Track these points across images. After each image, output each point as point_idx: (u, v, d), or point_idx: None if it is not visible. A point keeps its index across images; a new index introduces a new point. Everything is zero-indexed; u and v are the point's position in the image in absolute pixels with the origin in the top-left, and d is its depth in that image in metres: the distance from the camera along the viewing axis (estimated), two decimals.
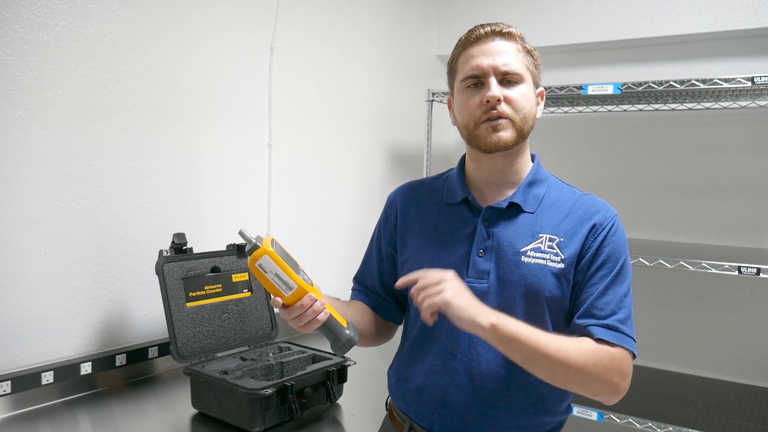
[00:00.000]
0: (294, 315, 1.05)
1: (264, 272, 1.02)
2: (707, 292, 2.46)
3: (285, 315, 1.06)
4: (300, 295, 1.04)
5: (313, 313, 1.05)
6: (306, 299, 1.04)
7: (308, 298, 1.04)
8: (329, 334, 1.08)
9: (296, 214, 2.24)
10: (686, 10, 2.41)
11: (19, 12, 1.43)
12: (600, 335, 1.06)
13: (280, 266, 1.02)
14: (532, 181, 1.18)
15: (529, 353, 1.02)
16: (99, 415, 1.47)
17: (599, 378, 1.04)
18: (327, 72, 2.34)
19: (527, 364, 1.04)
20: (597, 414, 2.02)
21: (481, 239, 1.15)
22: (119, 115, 1.65)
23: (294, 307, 1.04)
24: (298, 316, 1.05)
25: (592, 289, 1.10)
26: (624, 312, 1.09)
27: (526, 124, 1.14)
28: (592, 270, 1.11)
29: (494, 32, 1.14)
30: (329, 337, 1.09)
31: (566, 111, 2.66)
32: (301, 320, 1.05)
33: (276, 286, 1.03)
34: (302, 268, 1.07)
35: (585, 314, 1.09)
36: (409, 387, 1.19)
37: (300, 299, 1.04)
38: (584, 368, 1.02)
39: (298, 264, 1.07)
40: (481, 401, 1.11)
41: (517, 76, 1.12)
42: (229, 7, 1.93)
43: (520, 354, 1.03)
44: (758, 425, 1.93)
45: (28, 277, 1.48)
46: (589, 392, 1.07)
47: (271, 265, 1.02)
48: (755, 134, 2.38)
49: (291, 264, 1.04)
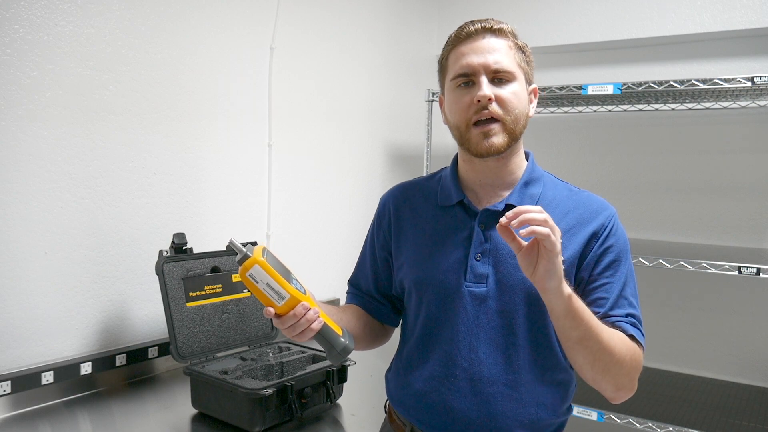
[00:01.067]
0: (287, 324, 1.02)
1: (255, 282, 1.00)
2: (707, 292, 2.46)
3: (278, 324, 1.04)
4: (292, 305, 1.02)
5: (307, 322, 1.02)
6: (299, 308, 1.01)
7: (301, 307, 1.01)
8: (324, 342, 1.07)
9: (296, 214, 2.24)
10: (686, 10, 2.41)
11: (19, 12, 1.43)
12: (631, 332, 1.07)
13: (272, 276, 1.00)
14: (527, 181, 1.16)
15: (586, 333, 1.00)
16: (99, 415, 1.47)
17: (629, 373, 1.05)
18: (327, 72, 2.34)
19: (579, 345, 1.01)
20: (597, 414, 2.02)
21: (478, 243, 1.13)
22: (119, 115, 1.65)
23: (287, 316, 1.02)
24: (292, 326, 1.02)
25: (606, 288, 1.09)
26: (637, 312, 1.11)
27: (517, 125, 1.11)
28: (599, 269, 1.10)
29: (485, 29, 1.11)
30: (324, 346, 1.07)
31: (566, 111, 2.66)
32: (294, 330, 1.03)
33: (267, 295, 1.01)
34: (295, 277, 1.05)
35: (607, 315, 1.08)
36: (409, 393, 1.18)
37: (292, 308, 1.02)
38: (623, 360, 1.03)
39: (290, 272, 1.05)
40: (483, 406, 1.10)
41: (508, 74, 1.10)
42: (229, 7, 1.93)
43: (578, 332, 1.00)
44: (758, 425, 1.93)
45: (28, 277, 1.48)
46: (614, 386, 1.06)
47: (262, 274, 1.00)
48: (755, 134, 2.38)
49: (283, 273, 1.02)
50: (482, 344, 1.10)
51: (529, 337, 1.10)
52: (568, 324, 1.00)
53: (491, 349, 1.10)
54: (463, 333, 1.11)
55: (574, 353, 1.04)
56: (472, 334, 1.11)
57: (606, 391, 1.08)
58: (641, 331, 1.09)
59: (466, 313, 1.11)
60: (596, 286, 1.10)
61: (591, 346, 1.01)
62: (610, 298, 1.08)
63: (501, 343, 1.10)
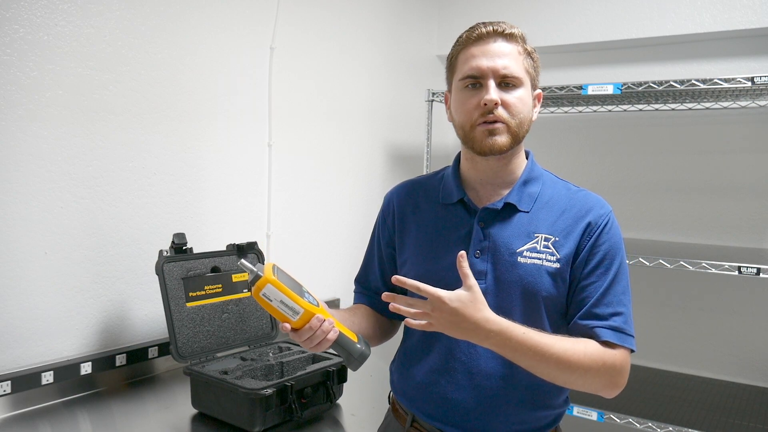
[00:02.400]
0: (304, 338, 1.06)
1: (269, 301, 1.03)
2: (707, 292, 2.46)
3: (295, 338, 1.07)
4: (307, 318, 1.04)
5: (323, 333, 1.06)
6: (314, 321, 1.05)
7: (316, 320, 1.05)
8: (341, 351, 1.10)
9: (296, 214, 2.24)
10: (686, 10, 2.41)
11: (19, 12, 1.43)
12: (606, 337, 1.08)
13: (284, 293, 1.03)
14: (526, 180, 1.18)
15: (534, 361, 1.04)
16: (99, 415, 1.47)
17: (603, 377, 1.07)
18: (327, 72, 2.34)
19: (533, 371, 1.06)
20: (597, 414, 2.02)
21: (477, 240, 1.15)
22: (119, 115, 1.65)
23: (303, 330, 1.05)
24: (309, 338, 1.06)
25: (592, 288, 1.10)
26: (625, 310, 1.11)
27: (521, 129, 1.14)
28: (589, 268, 1.11)
29: (496, 32, 1.13)
30: (342, 354, 1.10)
31: (566, 111, 2.66)
32: (311, 342, 1.06)
33: (282, 312, 1.03)
34: (306, 290, 1.08)
35: (588, 315, 1.10)
36: (411, 385, 1.21)
37: (308, 322, 1.05)
38: (587, 371, 1.05)
39: (302, 286, 1.08)
40: (481, 399, 1.13)
41: (516, 79, 1.12)
42: (229, 7, 1.93)
43: (526, 362, 1.05)
44: (758, 425, 1.93)
45: (28, 277, 1.48)
46: (590, 389, 1.10)
47: (275, 293, 1.02)
48: (755, 134, 2.38)
49: (295, 288, 1.05)
50: None
51: None
52: (511, 357, 1.04)
53: None
54: None
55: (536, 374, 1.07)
56: None
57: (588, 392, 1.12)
58: (625, 331, 1.10)
59: None
60: (584, 285, 1.11)
61: (541, 370, 1.05)
62: (593, 297, 1.10)
63: None
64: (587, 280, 1.11)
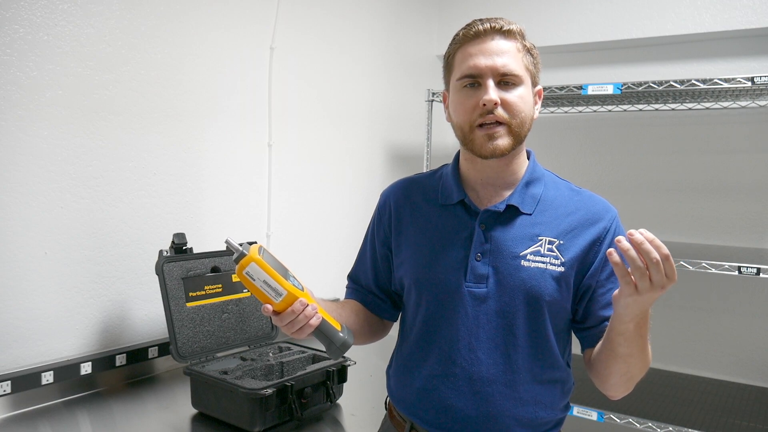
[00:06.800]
0: (286, 321, 1.03)
1: (252, 280, 1.01)
2: (707, 292, 2.45)
3: (277, 321, 1.04)
4: (290, 301, 1.02)
5: (305, 318, 1.02)
6: (297, 305, 1.01)
7: (299, 303, 1.01)
8: (323, 338, 1.07)
9: (296, 213, 2.24)
10: (686, 10, 2.41)
11: (19, 12, 1.43)
12: None
13: (268, 273, 1.01)
14: (529, 181, 1.15)
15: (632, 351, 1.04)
16: (99, 415, 1.47)
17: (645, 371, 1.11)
18: (327, 72, 2.34)
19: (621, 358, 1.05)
20: (597, 414, 2.02)
21: (478, 243, 1.12)
22: (119, 115, 1.65)
23: (285, 313, 1.02)
24: (290, 322, 1.03)
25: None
26: None
27: (522, 129, 1.10)
28: (605, 274, 1.11)
29: (494, 29, 1.10)
30: (323, 341, 1.08)
31: (566, 111, 2.66)
32: (293, 326, 1.03)
33: (265, 293, 1.01)
34: (292, 274, 1.06)
35: None
36: (409, 391, 1.18)
37: (290, 305, 1.02)
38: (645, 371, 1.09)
39: (287, 270, 1.05)
40: (482, 405, 1.10)
41: (515, 78, 1.09)
42: (229, 7, 1.93)
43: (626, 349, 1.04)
44: (758, 425, 1.93)
45: (28, 277, 1.48)
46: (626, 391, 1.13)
47: (259, 272, 1.00)
48: (755, 134, 2.38)
49: (280, 270, 1.02)
50: (481, 344, 1.09)
51: (528, 337, 1.10)
52: (621, 341, 1.03)
53: (490, 349, 1.10)
54: (463, 333, 1.11)
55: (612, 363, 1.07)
56: (472, 334, 1.10)
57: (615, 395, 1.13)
58: None
59: (465, 313, 1.11)
60: (606, 290, 1.11)
61: (631, 362, 1.05)
62: None
63: (500, 344, 1.10)
64: (606, 286, 1.11)
